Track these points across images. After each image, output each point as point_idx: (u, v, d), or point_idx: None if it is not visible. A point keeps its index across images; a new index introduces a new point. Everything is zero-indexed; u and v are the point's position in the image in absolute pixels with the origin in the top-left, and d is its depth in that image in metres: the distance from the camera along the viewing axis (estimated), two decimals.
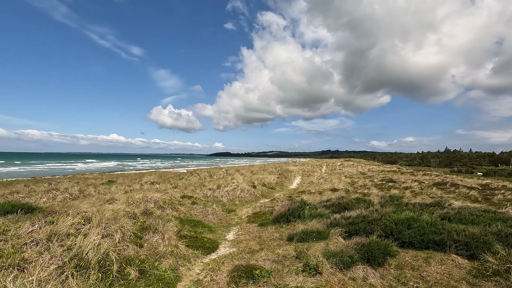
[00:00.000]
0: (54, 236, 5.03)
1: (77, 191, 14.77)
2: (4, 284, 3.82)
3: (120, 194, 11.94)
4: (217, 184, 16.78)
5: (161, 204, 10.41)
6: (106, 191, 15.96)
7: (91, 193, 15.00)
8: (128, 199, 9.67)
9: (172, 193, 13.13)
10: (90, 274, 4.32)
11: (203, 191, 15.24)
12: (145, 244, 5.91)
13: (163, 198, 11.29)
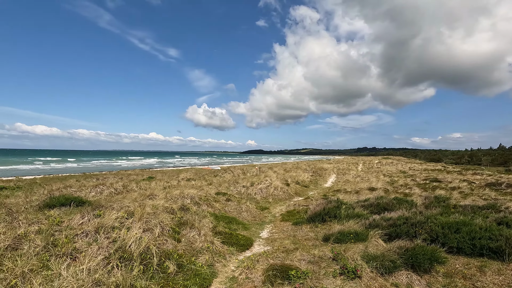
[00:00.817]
0: (101, 229, 5.39)
1: (121, 186, 15.81)
2: (59, 272, 4.16)
3: (159, 190, 12.53)
4: (250, 181, 16.89)
5: (197, 200, 10.72)
6: (146, 186, 16.87)
7: (133, 188, 15.95)
8: (166, 195, 10.10)
9: (207, 190, 13.47)
10: (133, 266, 4.56)
11: (237, 188, 15.45)
12: (182, 239, 6.11)
13: (199, 194, 11.62)
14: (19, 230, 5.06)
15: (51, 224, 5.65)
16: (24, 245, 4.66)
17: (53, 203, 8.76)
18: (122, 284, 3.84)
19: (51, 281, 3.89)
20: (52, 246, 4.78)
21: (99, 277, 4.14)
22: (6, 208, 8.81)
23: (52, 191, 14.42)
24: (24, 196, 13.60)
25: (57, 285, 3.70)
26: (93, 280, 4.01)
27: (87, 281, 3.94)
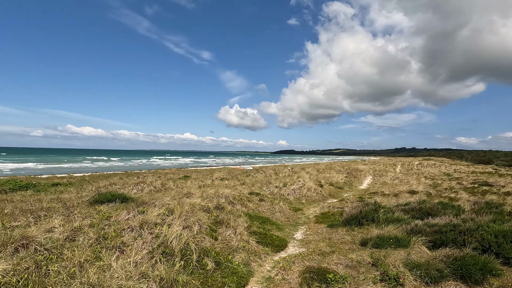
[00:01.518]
0: (145, 224, 5.74)
1: (159, 184, 16.65)
2: (109, 263, 4.51)
3: (195, 189, 12.99)
4: (283, 182, 16.85)
5: (231, 199, 10.94)
6: (182, 185, 17.58)
7: (171, 186, 16.71)
8: (202, 194, 10.45)
9: (240, 190, 13.69)
10: (175, 261, 4.79)
11: (269, 189, 15.50)
12: (219, 238, 6.29)
13: (233, 194, 11.85)
14: (75, 223, 5.57)
15: (101, 219, 6.14)
16: (80, 237, 5.11)
17: (101, 199, 9.49)
18: (165, 278, 4.06)
19: (104, 271, 4.23)
20: (103, 239, 5.19)
21: (144, 270, 4.42)
22: (62, 203, 9.72)
23: (99, 188, 15.63)
24: (76, 192, 14.91)
25: (109, 275, 4.01)
26: (139, 272, 4.29)
27: (134, 273, 4.23)
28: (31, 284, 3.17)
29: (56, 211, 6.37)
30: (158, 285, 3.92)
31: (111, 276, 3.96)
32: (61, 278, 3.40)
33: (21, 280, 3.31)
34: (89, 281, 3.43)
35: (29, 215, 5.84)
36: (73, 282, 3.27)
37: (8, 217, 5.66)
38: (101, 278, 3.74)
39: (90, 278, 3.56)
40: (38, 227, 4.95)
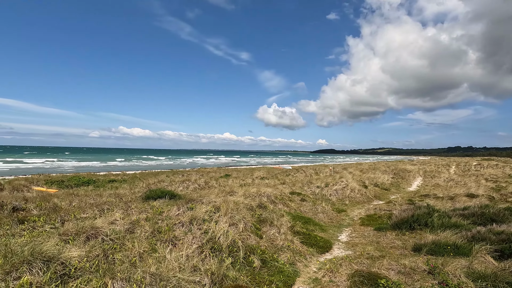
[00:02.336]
0: (194, 220, 6.04)
1: (203, 182, 17.36)
2: (164, 255, 4.84)
3: (237, 187, 13.30)
4: (324, 182, 16.46)
5: (272, 199, 11.00)
6: (224, 183, 18.11)
7: (214, 185, 17.32)
8: (244, 193, 10.66)
9: (281, 189, 13.69)
10: (223, 257, 4.98)
11: (311, 189, 15.25)
12: (263, 236, 6.38)
13: (274, 193, 11.90)
14: (133, 217, 6.07)
15: (155, 213, 6.61)
16: (137, 230, 5.57)
17: (152, 195, 10.18)
18: (216, 272, 4.24)
19: (159, 262, 4.55)
20: (157, 233, 5.59)
21: (195, 263, 4.66)
22: (119, 198, 10.63)
23: (149, 185, 16.81)
24: (129, 188, 16.22)
25: (164, 266, 4.30)
26: (191, 265, 4.53)
27: (186, 266, 4.48)
28: (101, 270, 3.54)
29: (116, 205, 7.00)
30: (209, 279, 4.10)
31: (166, 267, 4.25)
32: (125, 266, 3.74)
33: (93, 266, 3.72)
34: (149, 271, 3.72)
35: (95, 208, 6.51)
36: (136, 271, 3.57)
37: (78, 210, 6.37)
38: (159, 268, 4.03)
39: (149, 268, 3.86)
40: (103, 219, 5.51)
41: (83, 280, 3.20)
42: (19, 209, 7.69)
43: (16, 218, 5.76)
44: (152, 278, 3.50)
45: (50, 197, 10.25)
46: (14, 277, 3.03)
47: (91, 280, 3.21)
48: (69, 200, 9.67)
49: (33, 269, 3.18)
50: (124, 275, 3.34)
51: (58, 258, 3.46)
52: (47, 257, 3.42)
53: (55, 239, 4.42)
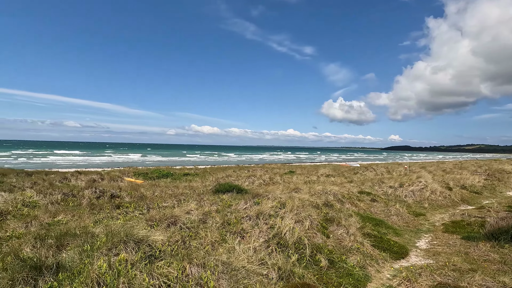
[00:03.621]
0: (261, 215, 6.21)
1: (267, 178, 17.69)
2: (233, 246, 5.11)
3: (301, 184, 13.17)
4: (398, 181, 15.02)
5: (339, 197, 10.55)
6: (288, 180, 18.13)
7: (278, 181, 17.50)
8: (310, 190, 10.48)
9: (349, 188, 13.02)
10: (289, 253, 5.00)
11: (382, 188, 14.12)
12: (330, 235, 6.17)
13: (341, 191, 11.39)
14: (205, 208, 6.57)
15: (224, 206, 7.02)
16: (209, 221, 6.00)
17: (221, 189, 10.81)
18: (283, 268, 4.29)
19: (229, 252, 4.82)
20: (227, 224, 5.92)
21: (262, 257, 4.79)
22: (192, 190, 11.58)
23: (218, 179, 17.92)
24: (201, 181, 17.58)
25: (234, 257, 4.54)
26: (258, 258, 4.67)
27: (254, 258, 4.64)
28: (180, 254, 3.94)
29: (191, 196, 7.67)
30: (276, 273, 4.17)
31: (236, 258, 4.48)
32: (200, 253, 4.07)
33: (173, 250, 4.16)
34: (221, 259, 3.98)
35: (173, 198, 7.25)
36: (209, 258, 3.86)
37: (160, 199, 7.20)
38: (229, 258, 4.27)
39: (221, 257, 4.13)
40: (180, 208, 6.10)
41: (165, 262, 3.61)
42: (115, 196, 9.09)
43: (113, 203, 6.82)
44: (224, 267, 3.73)
45: (137, 187, 11.83)
46: (114, 253, 3.61)
47: (172, 263, 3.59)
48: (152, 190, 11.00)
49: (127, 248, 3.73)
50: (200, 261, 3.65)
51: (146, 241, 3.97)
52: (137, 239, 3.96)
53: (143, 223, 5.08)
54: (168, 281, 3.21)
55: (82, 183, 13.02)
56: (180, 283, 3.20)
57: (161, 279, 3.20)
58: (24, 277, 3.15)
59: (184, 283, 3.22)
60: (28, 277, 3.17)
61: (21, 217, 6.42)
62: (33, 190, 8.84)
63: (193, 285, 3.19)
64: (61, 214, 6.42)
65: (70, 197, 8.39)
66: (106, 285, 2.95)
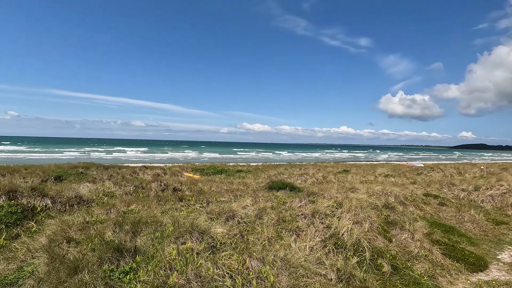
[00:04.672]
0: (316, 214, 6.10)
1: (321, 177, 17.24)
2: (289, 243, 5.12)
3: (358, 184, 12.52)
4: (473, 184, 13.28)
5: (401, 199, 9.77)
6: (343, 179, 17.41)
7: (332, 180, 16.93)
8: (367, 190, 9.91)
9: (412, 189, 11.96)
10: (347, 255, 4.81)
11: (452, 191, 12.65)
12: (393, 240, 5.76)
13: (403, 193, 10.53)
14: (260, 204, 6.70)
15: (279, 203, 7.07)
16: (264, 217, 6.10)
17: (274, 186, 10.89)
18: (342, 269, 4.15)
19: (285, 249, 4.85)
20: (282, 221, 5.95)
21: (319, 256, 4.70)
22: (246, 186, 11.90)
23: (270, 176, 18.09)
24: (253, 178, 17.96)
25: (291, 254, 4.55)
26: (315, 258, 4.60)
27: (311, 257, 4.58)
28: (239, 247, 4.09)
29: (246, 192, 7.89)
30: (335, 274, 4.05)
31: (292, 254, 4.48)
32: (258, 248, 4.18)
33: (233, 243, 4.34)
34: (278, 255, 4.02)
35: (230, 194, 7.55)
36: (267, 254, 3.94)
37: (218, 194, 7.58)
38: (287, 255, 4.29)
39: (279, 253, 4.17)
40: (237, 203, 6.33)
41: (227, 254, 3.79)
42: (177, 190, 9.83)
43: (177, 196, 7.39)
44: (282, 263, 3.77)
45: (196, 182, 12.62)
46: (181, 241, 3.92)
47: (232, 255, 3.76)
48: (209, 185, 11.62)
49: (192, 238, 4.01)
50: (259, 256, 3.74)
51: (208, 232, 4.22)
52: (201, 230, 4.23)
53: (204, 216, 5.41)
54: (231, 272, 3.37)
55: (148, 177, 14.39)
56: (241, 275, 3.33)
57: (224, 269, 3.38)
58: (109, 257, 3.62)
59: (245, 275, 3.35)
60: (112, 257, 3.64)
61: (102, 205, 7.37)
62: (110, 182, 10.08)
63: (254, 277, 3.29)
64: (133, 204, 7.20)
65: (140, 189, 9.34)
66: (176, 270, 3.23)
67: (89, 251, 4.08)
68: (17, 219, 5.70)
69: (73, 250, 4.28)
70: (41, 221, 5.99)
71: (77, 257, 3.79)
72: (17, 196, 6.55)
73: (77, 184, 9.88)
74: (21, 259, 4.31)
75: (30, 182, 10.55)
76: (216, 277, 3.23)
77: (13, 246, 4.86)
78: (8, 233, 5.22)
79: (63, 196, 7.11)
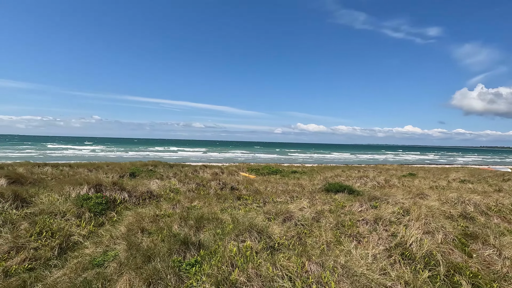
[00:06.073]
0: (379, 220, 5.69)
1: (382, 180, 16.05)
2: (349, 249, 4.88)
3: (427, 189, 11.31)
4: None
5: (483, 209, 8.49)
6: (409, 183, 15.91)
7: (396, 184, 15.61)
8: (439, 197, 8.89)
9: (496, 198, 10.30)
10: (417, 268, 4.38)
11: None
12: (473, 255, 5.05)
13: (485, 202, 9.14)
14: (318, 207, 6.53)
15: (337, 207, 6.79)
16: (322, 220, 5.93)
17: (331, 188, 10.51)
18: (411, 283, 3.79)
19: (345, 255, 4.63)
20: (341, 226, 5.71)
21: (383, 266, 4.36)
22: (301, 187, 11.74)
23: (326, 178, 17.52)
24: (309, 179, 17.62)
25: (352, 261, 4.32)
26: (379, 267, 4.29)
27: (374, 267, 4.29)
28: (297, 250, 4.05)
29: (303, 194, 7.78)
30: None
31: (354, 262, 4.25)
32: (316, 252, 4.07)
33: (290, 244, 4.31)
34: (339, 261, 3.86)
35: (286, 195, 7.54)
36: (328, 258, 3.81)
37: (274, 194, 7.63)
38: (347, 262, 4.09)
39: (339, 259, 4.00)
40: (294, 205, 6.28)
41: (285, 255, 3.78)
42: (235, 189, 10.20)
43: (235, 195, 7.67)
44: (343, 270, 3.60)
45: (251, 181, 12.92)
46: (241, 239, 4.05)
47: (291, 257, 3.74)
48: (265, 185, 11.77)
49: (251, 236, 4.11)
50: (318, 260, 3.65)
51: (266, 232, 4.28)
52: (259, 229, 4.31)
53: (262, 216, 5.50)
54: (289, 274, 3.35)
55: (208, 175, 15.24)
56: (300, 278, 3.29)
57: (283, 270, 3.38)
58: (177, 249, 3.94)
59: (304, 279, 3.29)
60: (179, 250, 3.95)
61: (169, 200, 8.06)
62: (175, 179, 10.96)
63: (313, 282, 3.22)
64: (196, 200, 7.70)
65: (201, 187, 9.95)
66: (237, 267, 3.35)
67: (159, 242, 4.50)
68: (102, 209, 6.59)
69: (146, 240, 4.78)
70: (120, 212, 6.82)
71: (150, 246, 4.22)
72: (102, 189, 7.58)
73: (147, 180, 11.00)
74: (106, 244, 4.97)
75: (111, 177, 12.09)
76: (276, 278, 3.25)
77: (99, 232, 5.63)
78: (95, 221, 6.07)
79: (137, 190, 7.98)
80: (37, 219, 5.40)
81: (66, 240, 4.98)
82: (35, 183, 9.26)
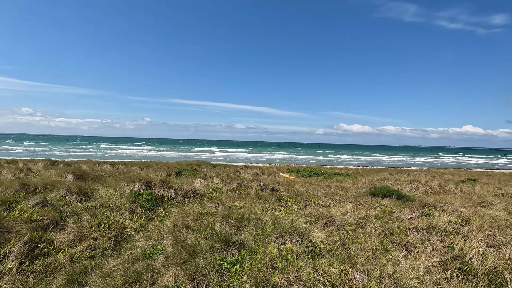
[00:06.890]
0: (433, 229, 5.21)
1: (436, 185, 14.69)
2: (397, 259, 4.54)
3: (490, 197, 10.06)
4: None
5: None
6: (468, 190, 14.32)
7: (452, 190, 14.18)
8: (507, 206, 7.85)
9: None
10: (478, 285, 3.91)
11: None
12: None
13: None
14: (362, 211, 6.21)
15: (384, 212, 6.38)
16: (367, 226, 5.61)
17: (377, 192, 9.92)
18: None
19: (393, 265, 4.32)
20: (388, 233, 5.34)
21: (438, 280, 3.98)
22: (345, 190, 11.28)
23: (372, 181, 16.60)
24: (352, 182, 16.86)
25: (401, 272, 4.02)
26: (433, 281, 3.92)
27: (427, 280, 3.93)
28: (340, 256, 3.88)
29: (346, 198, 7.47)
30: None
31: (404, 274, 3.95)
32: (361, 260, 3.86)
33: (332, 250, 4.16)
34: (386, 271, 3.61)
35: (328, 198, 7.30)
36: (374, 267, 3.59)
37: (315, 197, 7.44)
38: (396, 272, 3.81)
39: (386, 268, 3.75)
40: (336, 209, 6.05)
41: (327, 261, 3.65)
42: (275, 190, 10.18)
43: (275, 196, 7.65)
44: (391, 281, 3.36)
45: (292, 183, 12.78)
46: (281, 242, 4.02)
47: (333, 263, 3.60)
48: (306, 187, 11.55)
49: (292, 239, 4.06)
50: (363, 268, 3.46)
51: (307, 235, 4.19)
52: (299, 232, 4.23)
53: (303, 219, 5.40)
54: (331, 280, 3.23)
55: (248, 176, 15.45)
56: (343, 286, 3.15)
57: (324, 276, 3.27)
58: (219, 247, 4.05)
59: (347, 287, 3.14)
60: (221, 248, 4.05)
61: (212, 199, 8.34)
62: (218, 179, 11.31)
63: None
64: (237, 200, 7.85)
65: (242, 187, 10.12)
66: (278, 269, 3.33)
67: (202, 239, 4.68)
68: (152, 205, 7.07)
69: (191, 236, 5.00)
70: (167, 209, 7.24)
71: (193, 243, 4.40)
72: (151, 186, 8.13)
73: (192, 179, 11.52)
74: (154, 238, 5.32)
75: (159, 175, 12.92)
76: (317, 284, 3.16)
77: (149, 227, 6.05)
78: (145, 216, 6.54)
79: (183, 189, 8.40)
80: (96, 212, 5.99)
81: (120, 232, 5.44)
82: (95, 179, 10.31)
